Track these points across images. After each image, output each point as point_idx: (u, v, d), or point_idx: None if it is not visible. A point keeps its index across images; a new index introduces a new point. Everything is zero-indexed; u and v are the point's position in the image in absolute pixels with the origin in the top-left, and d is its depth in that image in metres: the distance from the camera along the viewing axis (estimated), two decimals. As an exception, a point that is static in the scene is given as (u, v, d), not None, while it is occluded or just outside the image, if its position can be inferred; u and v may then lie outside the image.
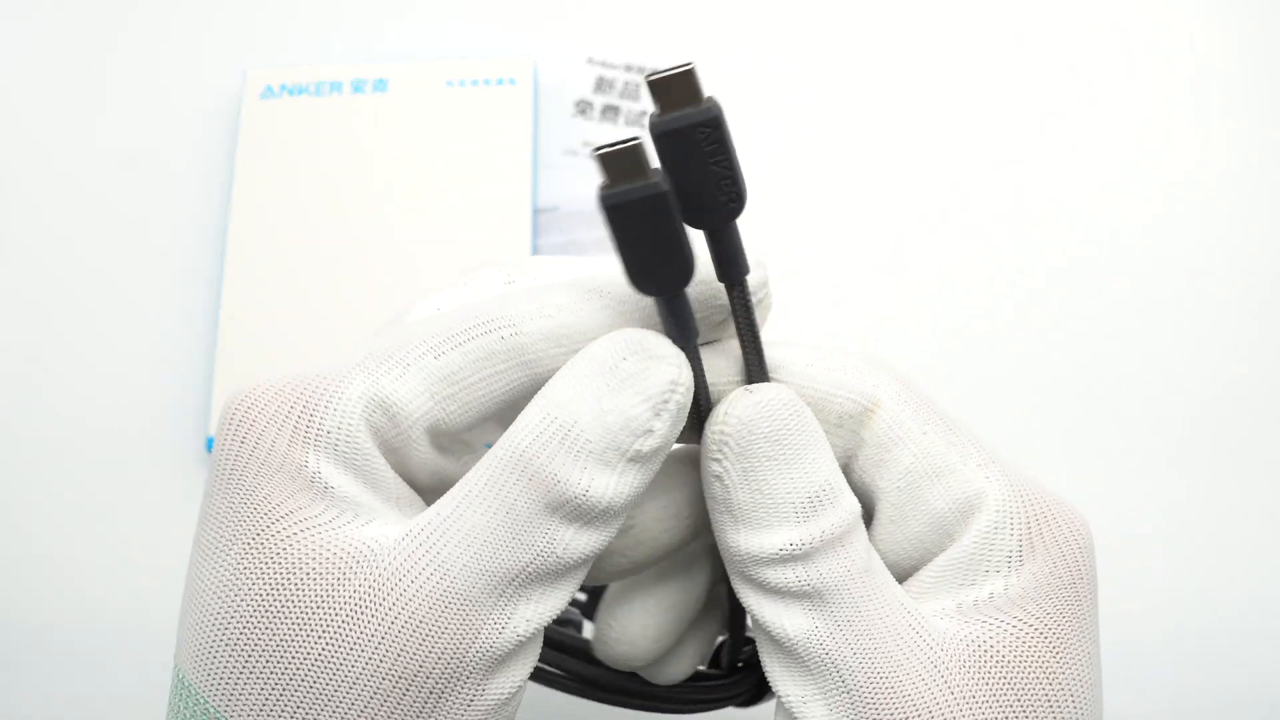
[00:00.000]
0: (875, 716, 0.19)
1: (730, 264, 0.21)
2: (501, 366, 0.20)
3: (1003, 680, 0.19)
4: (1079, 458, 0.43)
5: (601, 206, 0.19)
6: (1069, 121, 0.48)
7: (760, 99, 0.49)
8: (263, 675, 0.18)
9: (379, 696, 0.18)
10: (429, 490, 0.21)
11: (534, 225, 0.46)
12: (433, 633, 0.18)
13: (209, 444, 0.42)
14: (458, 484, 0.20)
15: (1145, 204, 0.46)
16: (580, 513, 0.19)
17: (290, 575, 0.18)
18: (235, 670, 0.18)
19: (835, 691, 0.19)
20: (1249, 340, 0.44)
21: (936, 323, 0.45)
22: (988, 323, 0.45)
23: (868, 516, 0.22)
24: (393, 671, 0.18)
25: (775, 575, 0.20)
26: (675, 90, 0.19)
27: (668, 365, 0.19)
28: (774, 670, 0.21)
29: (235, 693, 0.18)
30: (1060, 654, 0.20)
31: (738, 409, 0.20)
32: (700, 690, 0.27)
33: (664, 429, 0.19)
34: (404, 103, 0.47)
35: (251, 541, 0.19)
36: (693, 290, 0.20)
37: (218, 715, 0.19)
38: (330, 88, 0.47)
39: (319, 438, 0.19)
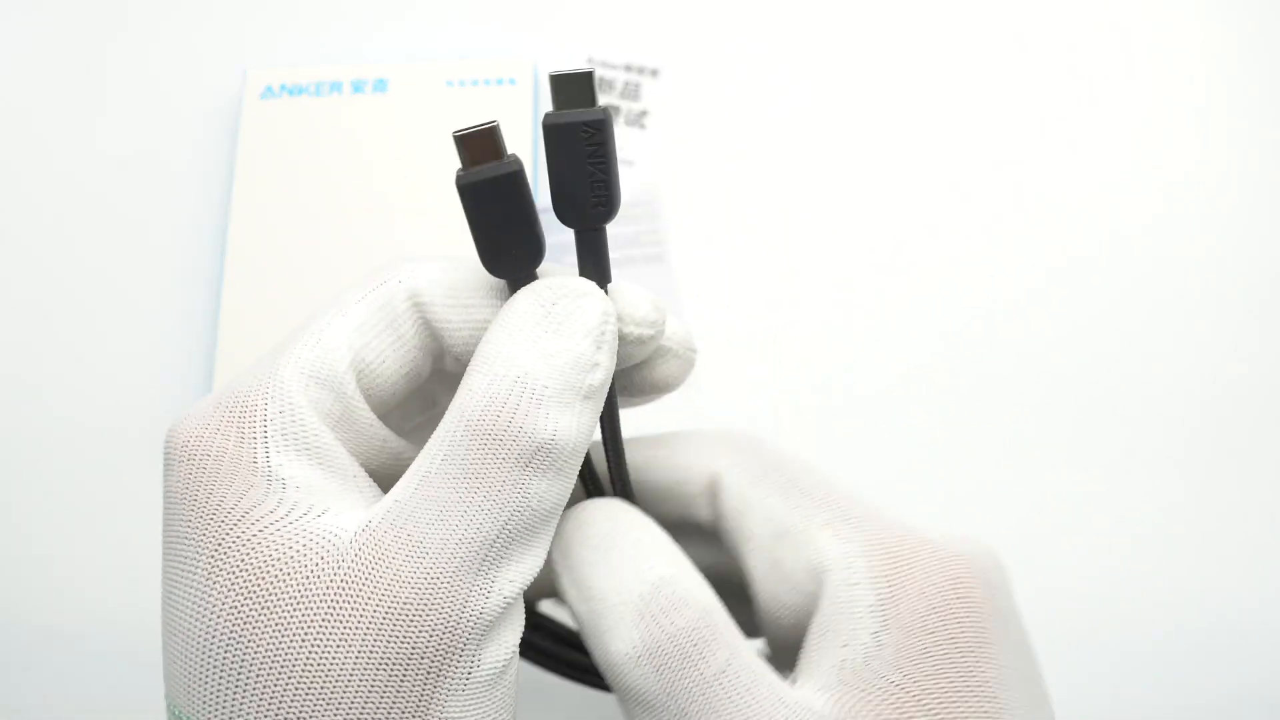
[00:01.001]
0: None
1: (594, 271, 0.21)
2: (401, 308, 0.21)
3: None
4: (1080, 458, 0.43)
5: (457, 187, 0.20)
6: (1069, 121, 0.48)
7: (761, 99, 0.49)
8: (256, 691, 0.18)
9: (378, 686, 0.18)
10: (387, 477, 0.21)
11: (534, 225, 0.46)
12: (421, 612, 0.18)
13: (209, 444, 0.42)
14: (412, 465, 0.20)
15: (1147, 204, 0.46)
16: (550, 458, 0.19)
17: (260, 581, 0.18)
18: (228, 691, 0.18)
19: None
20: (1251, 340, 0.44)
21: (937, 323, 0.45)
22: (988, 323, 0.45)
23: (747, 593, 0.22)
24: (386, 658, 0.18)
25: (633, 680, 0.19)
26: (573, 91, 0.20)
27: (596, 299, 0.20)
28: None
29: (233, 715, 0.18)
30: (937, 715, 0.19)
31: (563, 526, 0.21)
32: None
33: (606, 359, 0.20)
34: (404, 103, 0.47)
35: (215, 551, 0.19)
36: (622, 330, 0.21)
37: None
38: (330, 88, 0.47)
39: (265, 425, 0.19)
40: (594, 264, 0.21)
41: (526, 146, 0.46)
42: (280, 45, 0.50)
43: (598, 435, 0.22)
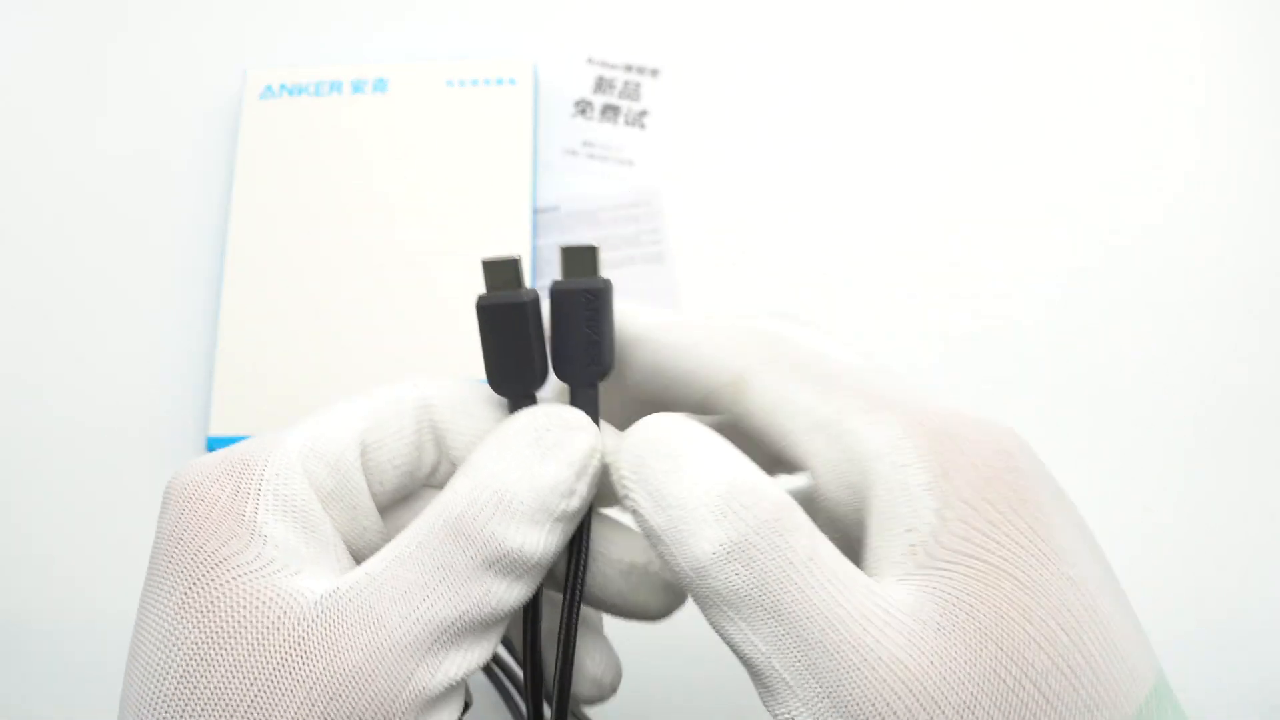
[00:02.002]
0: (858, 712, 0.18)
1: None
2: (409, 407, 0.23)
3: (978, 632, 0.18)
4: (1080, 459, 0.43)
5: (476, 308, 0.22)
6: (1069, 122, 0.48)
7: (761, 99, 0.49)
8: None
9: None
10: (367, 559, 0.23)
11: (534, 225, 0.46)
12: (366, 679, 0.19)
13: (209, 444, 0.42)
14: (385, 547, 0.21)
15: (1147, 204, 0.46)
16: (513, 567, 0.20)
17: (223, 623, 0.19)
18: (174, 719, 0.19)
19: (816, 699, 0.19)
20: (1252, 341, 0.44)
21: (938, 324, 0.45)
22: (989, 323, 0.45)
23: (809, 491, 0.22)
24: (325, 715, 0.19)
25: (722, 580, 0.19)
26: (579, 261, 0.22)
27: (586, 434, 0.22)
28: (764, 695, 0.20)
29: None
30: (1024, 580, 0.19)
31: (626, 444, 0.22)
32: None
33: (584, 490, 0.22)
34: (404, 103, 0.47)
35: (189, 590, 0.20)
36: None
37: None
38: (330, 88, 0.47)
39: (260, 485, 0.21)
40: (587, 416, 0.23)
41: (526, 146, 0.46)
42: (280, 45, 0.50)
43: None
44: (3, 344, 0.46)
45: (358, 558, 0.23)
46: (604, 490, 0.23)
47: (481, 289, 0.23)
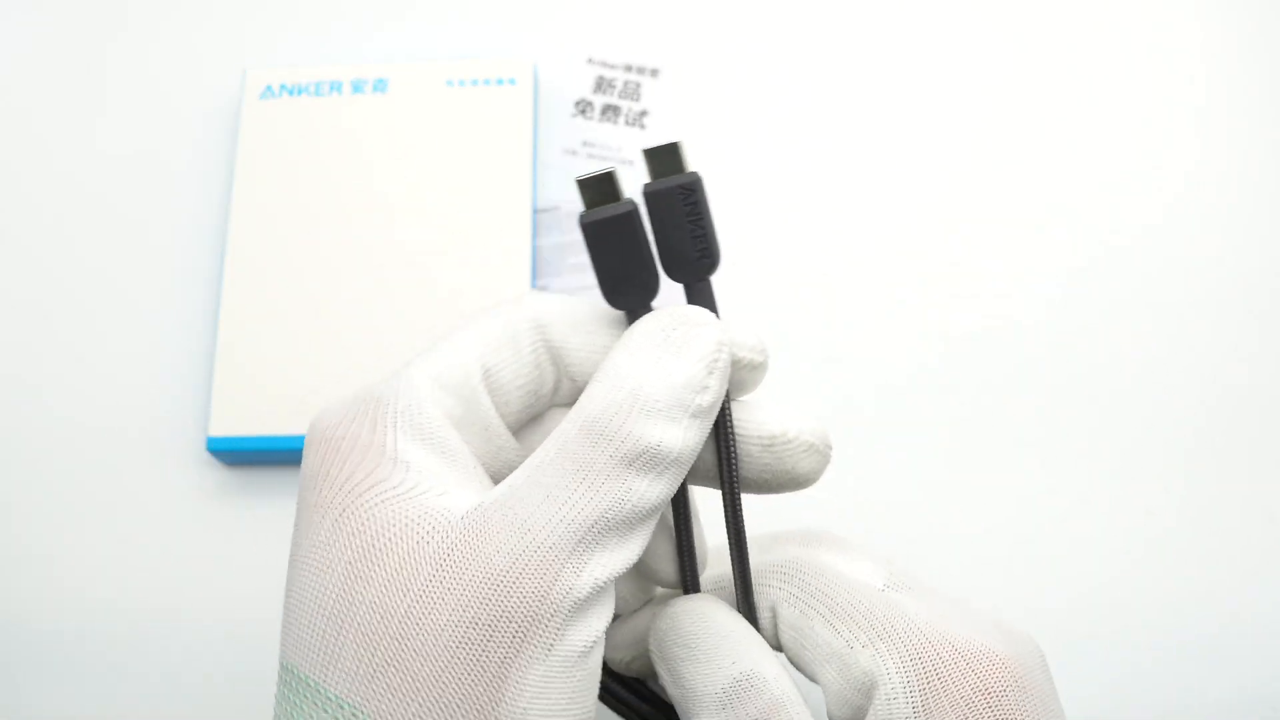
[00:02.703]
0: None
1: None
2: (523, 328, 0.24)
3: None
4: (1082, 460, 0.43)
5: (580, 225, 0.22)
6: (1069, 122, 0.48)
7: (761, 99, 0.49)
8: (355, 639, 0.20)
9: (465, 644, 0.19)
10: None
11: (534, 225, 0.46)
12: (514, 581, 0.20)
13: (209, 444, 0.42)
14: (527, 460, 0.22)
15: (1147, 204, 0.46)
16: (653, 464, 0.21)
17: (374, 542, 0.20)
18: (331, 635, 0.20)
19: None
20: (1252, 342, 0.44)
21: (938, 325, 0.45)
22: (990, 323, 0.45)
23: None
24: (477, 620, 0.19)
25: None
26: (664, 160, 0.23)
27: (713, 329, 0.22)
28: None
29: (332, 660, 0.20)
30: None
31: (656, 624, 0.23)
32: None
33: (717, 384, 0.22)
34: (404, 103, 0.47)
35: (339, 516, 0.21)
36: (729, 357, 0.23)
37: (317, 686, 0.20)
38: (330, 88, 0.47)
39: (395, 419, 0.22)
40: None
41: (526, 146, 0.46)
42: (280, 45, 0.50)
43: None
44: (3, 344, 0.46)
45: (497, 479, 0.24)
46: (736, 380, 0.24)
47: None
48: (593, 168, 0.23)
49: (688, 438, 0.21)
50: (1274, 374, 0.44)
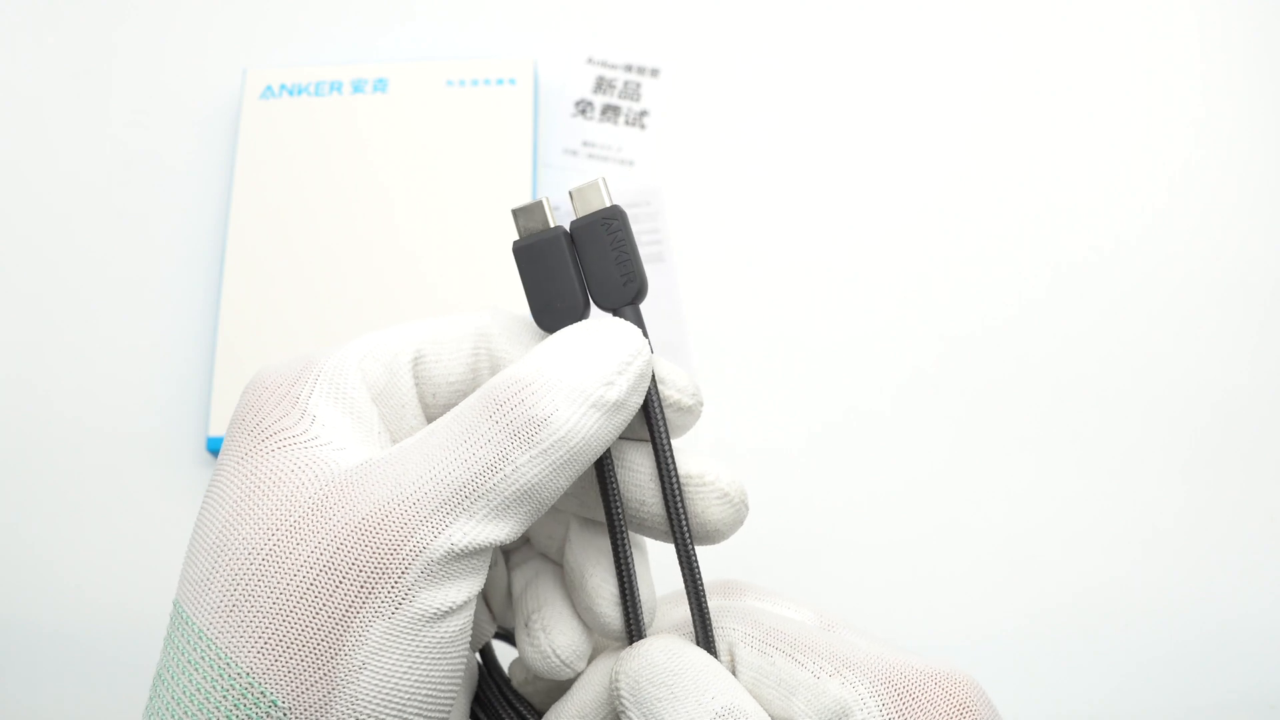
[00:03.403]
0: None
1: None
2: (466, 331, 0.24)
3: None
4: (1082, 461, 0.43)
5: (513, 251, 0.24)
6: (1069, 122, 0.48)
7: (761, 99, 0.49)
8: (224, 574, 0.20)
9: (315, 588, 0.20)
10: None
11: (534, 225, 0.46)
12: (370, 532, 0.20)
13: (209, 444, 0.42)
14: (426, 426, 0.22)
15: (1147, 205, 0.46)
16: (538, 437, 0.21)
17: (260, 483, 0.21)
18: (205, 573, 0.21)
19: None
20: (1252, 341, 0.44)
21: (938, 324, 0.45)
22: (990, 322, 0.45)
23: None
24: (330, 565, 0.20)
25: None
26: (588, 197, 0.24)
27: (632, 337, 0.22)
28: None
29: (202, 594, 0.20)
30: None
31: (625, 666, 0.23)
32: None
33: (625, 384, 0.22)
34: (404, 103, 0.47)
35: (242, 457, 0.22)
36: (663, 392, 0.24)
37: (188, 618, 0.20)
38: (330, 88, 0.47)
39: (317, 377, 0.22)
40: None
41: (526, 146, 0.46)
42: (281, 45, 0.50)
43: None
44: (3, 343, 0.46)
45: None
46: (668, 421, 0.24)
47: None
48: (590, 170, 0.23)
49: (582, 424, 0.21)
50: (1273, 374, 0.44)
